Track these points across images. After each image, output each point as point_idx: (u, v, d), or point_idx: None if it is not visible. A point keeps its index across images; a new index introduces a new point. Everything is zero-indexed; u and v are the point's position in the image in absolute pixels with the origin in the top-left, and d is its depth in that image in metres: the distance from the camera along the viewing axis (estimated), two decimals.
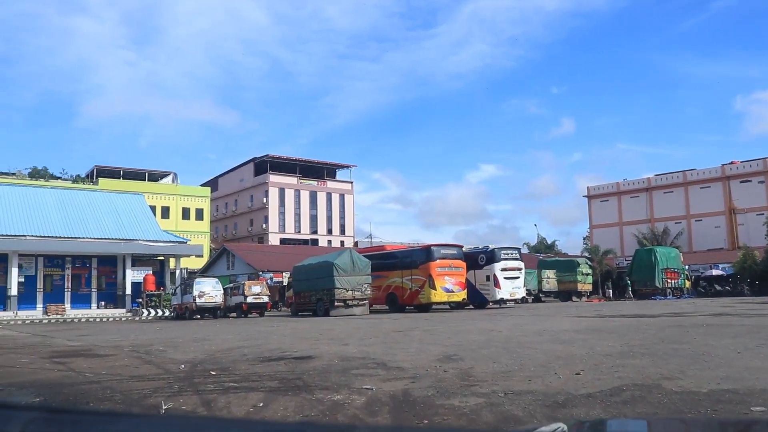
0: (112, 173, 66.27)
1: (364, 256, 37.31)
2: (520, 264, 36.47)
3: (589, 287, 53.18)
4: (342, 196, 78.24)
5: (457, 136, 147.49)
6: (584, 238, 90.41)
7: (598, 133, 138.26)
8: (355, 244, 74.28)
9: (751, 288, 48.14)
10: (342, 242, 74.13)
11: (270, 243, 66.23)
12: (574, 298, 51.72)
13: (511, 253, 36.20)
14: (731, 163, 65.16)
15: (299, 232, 73.96)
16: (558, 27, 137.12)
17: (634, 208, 70.11)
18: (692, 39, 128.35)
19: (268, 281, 41.66)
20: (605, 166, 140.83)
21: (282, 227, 72.94)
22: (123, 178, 65.16)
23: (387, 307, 34.02)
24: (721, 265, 54.81)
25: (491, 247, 36.03)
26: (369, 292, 30.24)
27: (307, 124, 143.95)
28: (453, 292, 31.95)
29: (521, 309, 34.36)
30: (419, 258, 32.45)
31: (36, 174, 65.29)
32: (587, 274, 53.23)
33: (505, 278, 35.01)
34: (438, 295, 31.43)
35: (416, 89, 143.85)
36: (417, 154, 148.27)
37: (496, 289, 34.52)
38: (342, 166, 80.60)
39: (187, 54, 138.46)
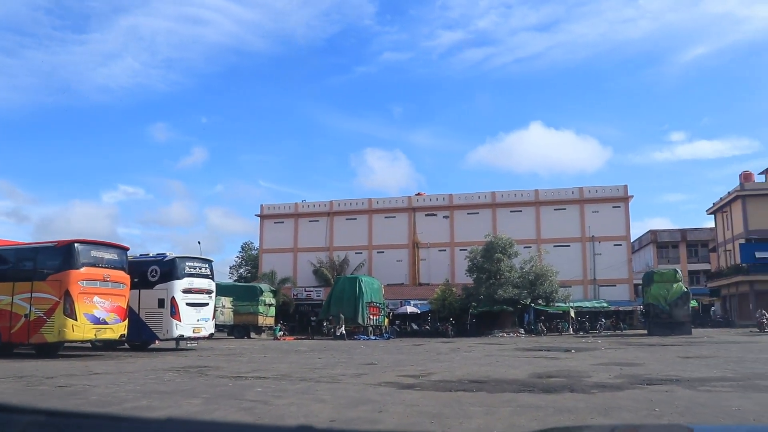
0: None
1: None
2: (212, 284, 23.80)
3: (271, 321, 42.53)
4: None
5: (96, 152, 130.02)
6: (230, 267, 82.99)
7: (241, 169, 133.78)
8: None
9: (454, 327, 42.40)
10: None
11: None
12: (253, 335, 40.50)
13: (200, 268, 23.25)
14: (418, 194, 61.32)
15: None
16: (217, 60, 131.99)
17: (314, 233, 61.88)
18: (336, 95, 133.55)
19: None
20: (244, 202, 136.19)
21: None
22: None
23: None
24: (413, 302, 48.95)
25: (170, 255, 22.68)
26: None
27: None
28: (106, 323, 17.74)
29: (234, 356, 21.61)
30: (49, 262, 17.91)
31: None
32: (270, 305, 42.61)
33: (188, 304, 21.97)
34: (79, 329, 17.04)
35: (57, 95, 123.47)
36: (45, 166, 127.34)
37: (174, 321, 21.18)
38: None
39: None
